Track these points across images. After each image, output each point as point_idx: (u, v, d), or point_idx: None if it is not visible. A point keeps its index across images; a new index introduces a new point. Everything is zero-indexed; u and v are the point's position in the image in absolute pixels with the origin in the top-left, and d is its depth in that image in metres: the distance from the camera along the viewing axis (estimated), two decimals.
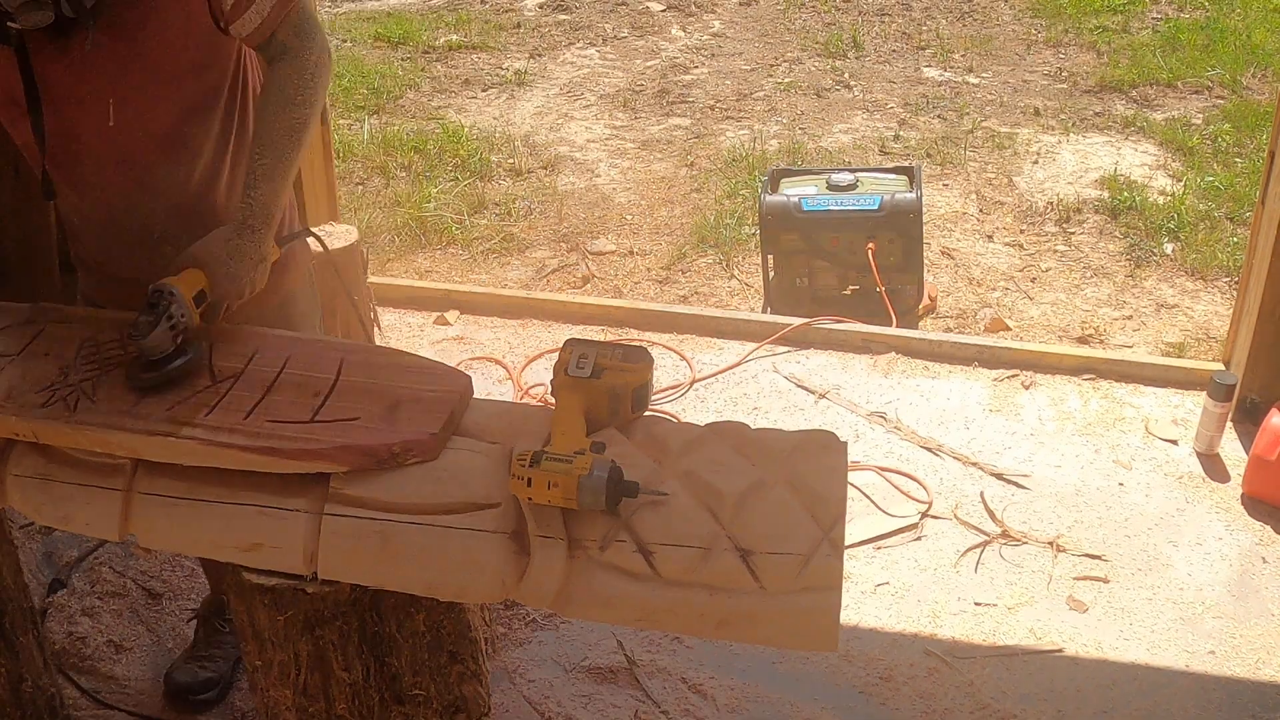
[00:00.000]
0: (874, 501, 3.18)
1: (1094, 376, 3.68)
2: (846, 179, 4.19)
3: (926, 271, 4.28)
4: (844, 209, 4.08)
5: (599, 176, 5.45)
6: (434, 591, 1.65)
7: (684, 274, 4.63)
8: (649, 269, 4.66)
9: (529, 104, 6.28)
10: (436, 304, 4.15)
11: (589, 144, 5.78)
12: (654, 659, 2.70)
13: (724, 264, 4.67)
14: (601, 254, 4.77)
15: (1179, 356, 3.92)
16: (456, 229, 4.90)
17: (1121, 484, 3.24)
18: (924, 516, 3.12)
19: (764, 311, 4.23)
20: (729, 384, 3.72)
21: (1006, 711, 2.56)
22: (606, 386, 1.73)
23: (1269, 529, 3.07)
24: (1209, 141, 5.49)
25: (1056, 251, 4.69)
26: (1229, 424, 3.35)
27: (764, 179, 4.36)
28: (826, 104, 6.18)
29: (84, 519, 1.74)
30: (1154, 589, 2.89)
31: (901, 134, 5.76)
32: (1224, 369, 3.54)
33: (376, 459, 1.67)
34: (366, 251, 3.15)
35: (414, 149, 5.62)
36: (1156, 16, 7.14)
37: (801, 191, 4.16)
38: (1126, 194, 4.97)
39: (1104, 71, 6.31)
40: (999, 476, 3.27)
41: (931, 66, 6.62)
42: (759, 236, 4.27)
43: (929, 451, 3.37)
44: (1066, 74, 6.39)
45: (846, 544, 1.97)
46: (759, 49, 6.97)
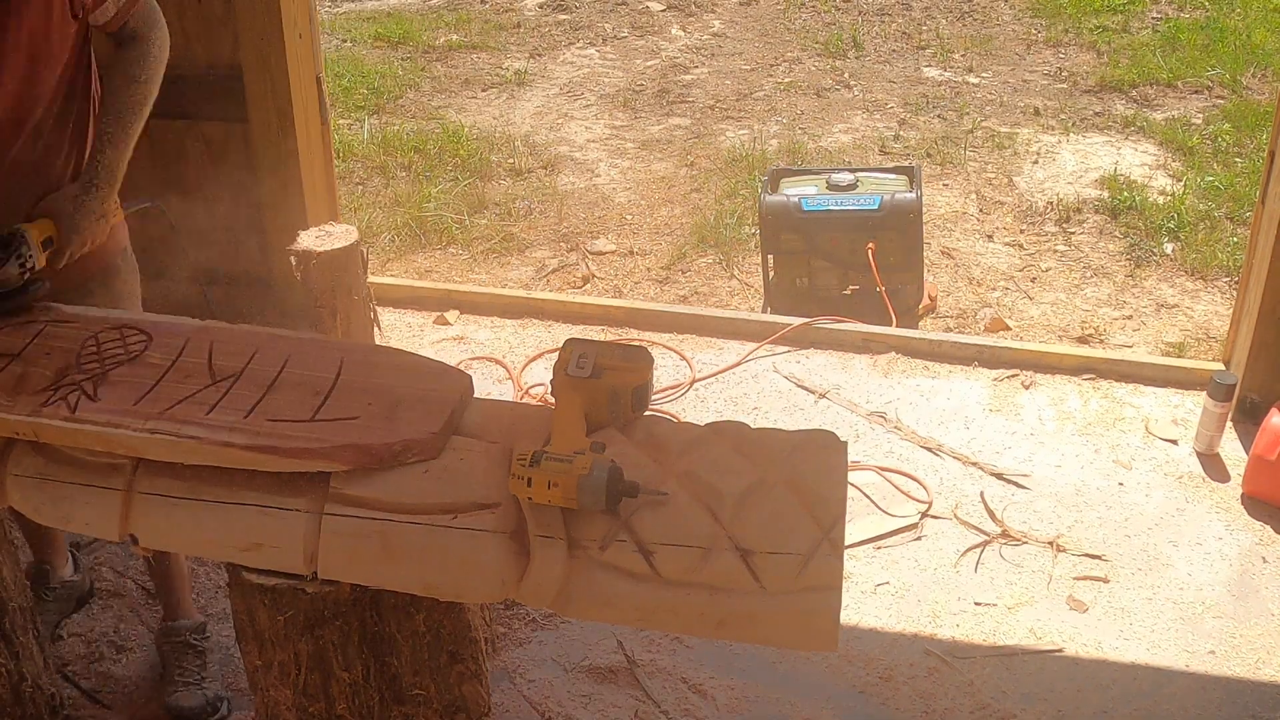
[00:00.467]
0: (874, 501, 3.18)
1: (1094, 376, 3.68)
2: (846, 179, 4.19)
3: (926, 271, 4.28)
4: (844, 209, 4.08)
5: (599, 176, 5.45)
6: (434, 591, 1.65)
7: (684, 274, 4.63)
8: (649, 269, 4.66)
9: (529, 104, 6.27)
10: (436, 304, 4.15)
11: (589, 144, 5.78)
12: (654, 659, 2.70)
13: (724, 264, 4.67)
14: (601, 254, 4.77)
15: (1179, 356, 3.92)
16: (456, 229, 4.90)
17: (1121, 484, 3.24)
18: (924, 516, 3.12)
19: (764, 311, 4.23)
20: (729, 384, 3.72)
21: (1006, 711, 2.56)
22: (606, 386, 1.73)
23: (1269, 529, 3.07)
24: (1209, 141, 5.49)
25: (1056, 251, 4.69)
26: (1229, 424, 3.35)
27: (764, 179, 4.36)
28: (826, 104, 6.18)
29: (84, 519, 1.73)
30: (1154, 589, 2.89)
31: (901, 134, 5.76)
32: (1224, 369, 3.54)
33: (377, 458, 1.67)
34: (366, 251, 3.15)
35: (414, 149, 5.62)
36: (1156, 16, 7.14)
37: (801, 191, 4.16)
38: (1126, 194, 4.97)
39: (1104, 71, 6.31)
40: (999, 476, 3.27)
41: (931, 66, 6.62)
42: (759, 236, 4.27)
43: (929, 451, 3.37)
44: (1066, 74, 6.39)
45: (846, 544, 1.97)
46: (759, 49, 6.97)
